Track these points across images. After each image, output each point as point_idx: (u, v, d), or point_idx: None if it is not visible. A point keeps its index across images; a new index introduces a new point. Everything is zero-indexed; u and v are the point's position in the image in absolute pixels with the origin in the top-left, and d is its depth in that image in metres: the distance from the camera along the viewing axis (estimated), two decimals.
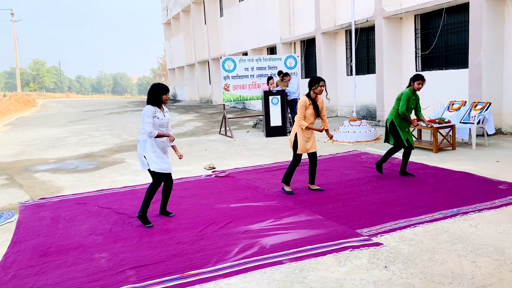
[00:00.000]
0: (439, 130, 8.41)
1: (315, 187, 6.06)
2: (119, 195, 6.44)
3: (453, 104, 9.25)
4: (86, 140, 13.20)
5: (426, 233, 4.24)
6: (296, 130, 5.83)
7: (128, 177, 7.65)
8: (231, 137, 12.08)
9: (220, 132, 13.25)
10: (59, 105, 38.38)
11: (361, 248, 3.95)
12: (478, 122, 8.52)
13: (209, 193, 6.23)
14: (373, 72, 13.94)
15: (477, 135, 8.80)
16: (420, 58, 12.48)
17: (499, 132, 9.89)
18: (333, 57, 16.07)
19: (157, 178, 4.96)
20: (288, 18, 18.76)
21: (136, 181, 7.28)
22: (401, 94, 6.42)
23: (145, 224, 4.91)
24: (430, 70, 12.10)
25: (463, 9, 10.77)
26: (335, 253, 3.87)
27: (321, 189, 6.01)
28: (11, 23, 50.68)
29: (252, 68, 12.70)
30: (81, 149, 11.34)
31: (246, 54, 22.62)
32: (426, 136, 9.79)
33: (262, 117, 12.79)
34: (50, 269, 3.89)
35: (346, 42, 15.53)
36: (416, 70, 12.37)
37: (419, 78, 6.34)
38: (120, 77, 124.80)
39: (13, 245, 4.57)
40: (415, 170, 6.82)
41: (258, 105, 19.90)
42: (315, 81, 5.75)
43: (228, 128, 12.57)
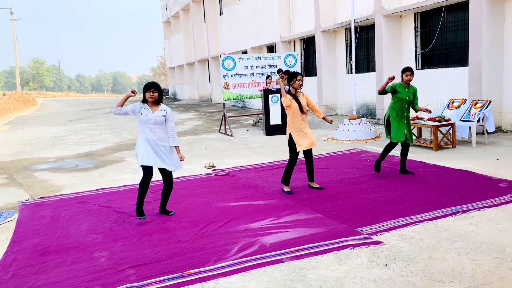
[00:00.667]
0: (439, 128, 8.40)
1: (315, 185, 6.06)
2: (119, 194, 6.44)
3: (453, 102, 9.25)
4: (86, 139, 13.19)
5: (426, 231, 4.23)
6: (289, 129, 5.83)
7: (128, 176, 7.65)
8: (231, 135, 12.07)
9: (220, 130, 13.24)
10: (58, 104, 38.37)
11: (361, 246, 3.95)
12: (478, 120, 8.51)
13: (209, 192, 6.23)
14: (373, 70, 13.93)
15: (477, 133, 8.79)
16: (420, 56, 12.46)
17: (499, 130, 9.88)
18: (333, 55, 16.06)
19: (145, 171, 4.97)
20: (288, 16, 18.74)
21: (136, 180, 7.26)
22: None
23: (138, 216, 4.96)
24: (430, 68, 12.09)
25: (463, 7, 10.76)
26: (335, 251, 3.87)
27: (321, 188, 6.01)
28: (11, 22, 50.64)
29: (252, 67, 12.68)
30: (81, 148, 11.34)
31: (245, 52, 22.60)
32: (426, 134, 9.79)
33: (262, 115, 12.78)
34: (50, 268, 3.89)
35: (346, 40, 15.51)
36: (416, 68, 12.36)
37: (406, 70, 6.35)
38: (119, 76, 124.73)
39: (12, 244, 4.56)
40: (415, 168, 6.81)
41: (258, 104, 19.88)
42: (293, 76, 5.77)
43: (228, 127, 12.56)
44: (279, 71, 12.59)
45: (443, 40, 11.66)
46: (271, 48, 21.00)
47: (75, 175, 8.02)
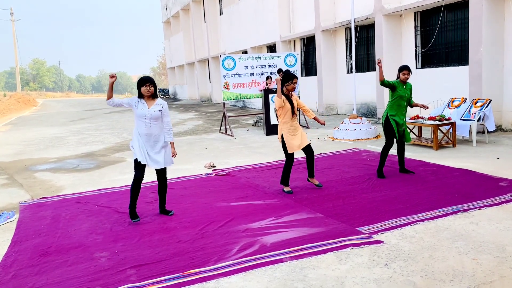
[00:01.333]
0: (440, 127, 8.40)
1: (315, 181, 6.05)
2: (119, 194, 6.44)
3: (453, 101, 9.24)
4: (86, 139, 13.19)
5: (427, 231, 4.23)
6: (282, 131, 5.84)
7: (128, 176, 7.64)
8: (231, 135, 12.07)
9: (220, 130, 13.24)
10: (59, 104, 38.38)
11: (362, 246, 3.95)
12: (479, 119, 8.50)
13: (210, 192, 6.23)
14: (373, 69, 13.93)
15: (477, 132, 8.79)
16: (420, 55, 12.45)
17: (499, 129, 9.87)
18: (333, 54, 16.05)
19: (136, 168, 4.98)
20: (288, 16, 18.74)
21: None
22: None
23: (132, 219, 4.98)
24: (430, 67, 12.08)
25: (463, 6, 10.75)
26: (335, 251, 3.87)
27: (320, 185, 6.01)
28: (11, 22, 50.66)
29: (252, 66, 12.68)
30: (81, 148, 11.34)
31: (246, 52, 22.59)
32: (427, 133, 9.78)
33: (262, 115, 12.78)
34: (51, 269, 3.89)
35: (346, 40, 15.51)
36: (416, 67, 12.36)
37: (403, 68, 6.34)
38: (120, 76, 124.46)
39: (13, 245, 4.57)
40: (415, 168, 6.81)
41: (258, 104, 19.87)
42: (288, 77, 5.78)
43: (228, 127, 12.56)
44: (279, 71, 12.59)
45: (443, 39, 11.65)
46: (271, 48, 20.99)
47: (75, 175, 8.03)
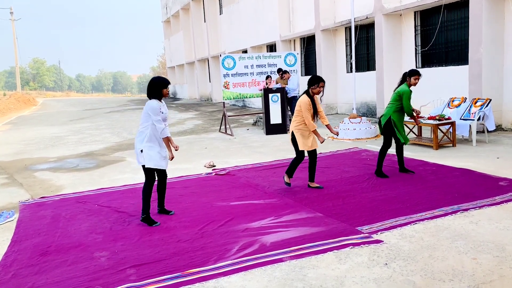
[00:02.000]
0: (439, 127, 8.40)
1: (315, 184, 6.06)
2: (119, 193, 6.44)
3: (453, 101, 9.24)
4: (86, 138, 13.19)
5: (427, 230, 4.23)
6: (292, 129, 5.82)
7: (128, 176, 7.65)
8: (231, 135, 12.07)
9: (220, 130, 13.24)
10: (59, 103, 38.37)
11: (362, 245, 3.95)
12: (479, 119, 8.50)
13: (209, 191, 6.23)
14: (373, 69, 13.92)
15: (477, 132, 8.79)
16: (420, 54, 12.45)
17: (499, 128, 9.87)
18: (333, 54, 16.04)
19: (150, 175, 4.90)
20: (288, 15, 18.72)
21: (136, 179, 7.27)
22: (399, 91, 6.28)
23: (151, 225, 4.83)
24: (430, 67, 12.08)
25: (463, 5, 10.75)
26: (335, 250, 3.87)
27: (321, 187, 6.01)
28: (11, 22, 50.63)
29: (252, 66, 12.68)
30: (81, 147, 11.34)
31: (245, 51, 22.58)
32: (427, 133, 9.78)
33: (262, 114, 12.78)
34: (50, 268, 3.89)
35: (345, 39, 15.50)
36: (416, 67, 12.35)
37: (416, 73, 6.25)
38: (120, 76, 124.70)
39: (13, 244, 4.57)
40: (415, 167, 6.81)
41: (258, 103, 19.86)
42: (316, 81, 5.68)
43: (228, 126, 12.56)
44: (279, 70, 12.60)
45: (443, 38, 11.65)
46: (271, 47, 20.98)
47: (75, 174, 8.03)
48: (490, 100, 8.59)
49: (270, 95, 11.77)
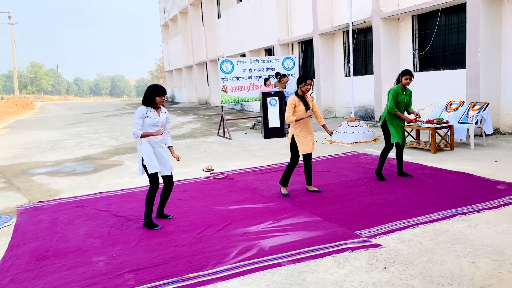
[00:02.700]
0: (437, 130, 8.41)
1: (313, 188, 6.05)
2: (117, 197, 6.42)
3: (451, 105, 9.26)
4: (84, 142, 13.17)
5: (425, 234, 4.23)
6: (292, 132, 5.84)
7: (126, 180, 7.63)
8: (230, 138, 12.07)
9: (218, 133, 13.24)
10: (57, 107, 38.33)
11: (360, 249, 3.94)
12: (476, 122, 8.52)
13: (208, 195, 6.22)
14: (371, 72, 13.95)
15: (475, 135, 8.80)
16: (417, 58, 12.49)
17: (497, 132, 9.90)
18: (331, 58, 16.08)
19: (154, 180, 4.92)
20: (286, 19, 18.77)
21: (135, 183, 7.26)
22: (389, 91, 6.39)
23: (153, 228, 4.86)
24: (427, 71, 12.11)
25: (460, 9, 10.79)
26: (334, 254, 3.86)
27: (319, 191, 6.00)
28: (9, 25, 50.63)
29: (250, 70, 12.69)
30: (79, 151, 11.32)
31: (244, 55, 22.62)
32: (425, 136, 9.80)
33: (260, 118, 12.78)
34: (48, 273, 3.87)
35: (343, 43, 15.54)
36: (414, 71, 12.38)
37: (406, 73, 6.29)
38: (118, 79, 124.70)
39: (10, 249, 4.55)
40: (414, 171, 6.81)
41: (256, 107, 19.88)
42: (303, 79, 5.80)
43: (226, 130, 12.55)
44: (277, 74, 12.62)
45: (440, 42, 11.69)
46: (269, 51, 21.02)
47: (73, 179, 8.01)
48: (488, 103, 8.61)
49: (268, 99, 11.78)
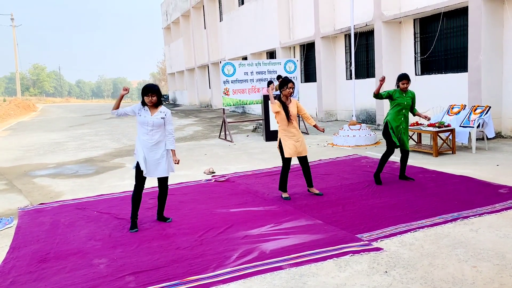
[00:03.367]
0: (439, 134, 8.40)
1: (315, 190, 6.05)
2: (118, 200, 6.43)
3: (452, 108, 9.25)
4: (86, 145, 13.19)
5: (427, 238, 4.22)
6: (280, 136, 5.84)
7: (127, 182, 7.64)
8: (231, 141, 12.07)
9: (219, 136, 13.25)
10: (59, 109, 38.40)
11: (362, 253, 3.94)
12: (478, 126, 8.51)
13: (209, 198, 6.22)
14: (373, 76, 13.96)
15: (477, 139, 8.79)
16: (419, 62, 12.49)
17: (499, 135, 9.88)
18: (333, 61, 16.09)
19: (136, 178, 5.04)
20: (288, 22, 18.80)
21: None
22: None
23: (130, 230, 4.93)
24: (429, 74, 12.11)
25: (462, 13, 10.80)
26: (335, 258, 3.85)
27: (321, 194, 5.99)
28: (11, 28, 50.81)
29: (252, 73, 12.70)
30: (81, 154, 11.33)
31: (245, 58, 22.65)
32: (426, 140, 9.79)
33: (261, 121, 12.79)
34: (49, 275, 3.87)
35: (345, 46, 15.55)
36: (416, 74, 12.39)
37: (402, 78, 6.31)
38: (120, 82, 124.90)
39: (12, 251, 4.55)
40: (415, 174, 6.80)
41: (258, 110, 19.88)
42: (284, 83, 5.80)
43: (227, 133, 12.56)
44: (279, 77, 12.62)
45: (442, 46, 11.69)
46: (271, 54, 21.05)
47: (75, 181, 8.01)
48: (490, 107, 8.60)
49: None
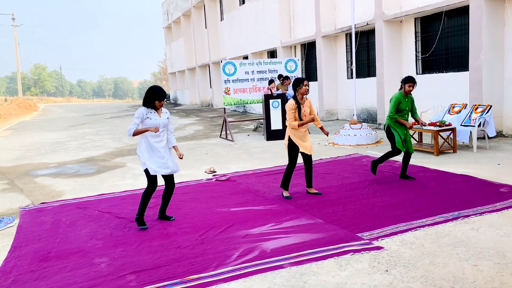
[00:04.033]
0: (440, 133, 8.40)
1: (313, 190, 6.05)
2: (119, 199, 6.44)
3: (453, 107, 9.25)
4: (87, 144, 13.21)
5: (427, 237, 4.22)
6: (289, 133, 5.83)
7: (128, 181, 7.65)
8: (232, 140, 12.08)
9: (220, 135, 13.25)
10: (60, 109, 38.44)
11: (362, 252, 3.94)
12: (479, 125, 8.50)
13: (210, 197, 6.22)
14: (374, 75, 13.94)
15: (478, 138, 8.78)
16: (420, 61, 12.48)
17: (500, 134, 9.87)
18: (334, 60, 16.09)
19: (152, 181, 4.97)
20: (288, 21, 18.80)
21: (137, 185, 7.27)
22: (391, 98, 6.39)
23: (139, 226, 4.96)
24: (430, 73, 12.10)
25: (463, 12, 10.78)
26: (336, 257, 3.86)
27: (319, 193, 5.99)
28: (12, 27, 50.87)
29: (253, 72, 12.71)
30: (82, 153, 11.35)
31: (246, 57, 22.65)
32: (427, 139, 9.78)
33: (262, 120, 12.79)
34: (50, 274, 3.88)
35: (346, 45, 15.55)
36: (417, 73, 12.38)
37: (410, 80, 6.29)
38: (121, 81, 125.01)
39: (13, 250, 4.56)
40: (416, 173, 6.80)
41: (259, 109, 19.90)
42: (298, 82, 5.77)
43: (228, 132, 12.57)
44: (280, 76, 12.63)
45: (443, 45, 11.68)
46: (272, 53, 21.05)
47: (76, 180, 8.03)
48: (491, 106, 8.59)
49: (271, 101, 11.79)
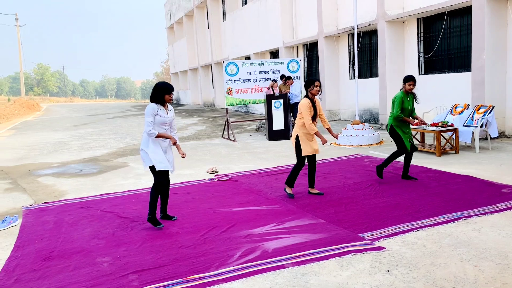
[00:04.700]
0: (442, 133, 8.39)
1: (315, 190, 6.06)
2: (122, 199, 6.46)
3: (456, 108, 9.24)
4: (90, 144, 13.24)
5: (429, 237, 4.23)
6: (298, 133, 5.83)
7: (131, 181, 7.67)
8: (234, 140, 12.09)
9: (223, 135, 13.27)
10: (62, 109, 38.54)
11: (364, 252, 3.95)
12: (481, 126, 8.49)
13: (212, 197, 6.24)
14: (376, 75, 13.94)
15: (480, 139, 8.77)
16: (422, 61, 12.47)
17: (502, 135, 9.85)
18: (336, 60, 16.08)
19: (162, 177, 4.99)
20: (291, 22, 18.80)
21: (139, 185, 7.30)
22: (394, 98, 6.42)
23: (155, 226, 4.93)
24: (432, 74, 12.09)
25: (466, 12, 10.77)
26: (337, 257, 3.86)
27: (321, 193, 6.00)
28: (16, 28, 51.02)
29: (255, 72, 12.72)
30: (85, 153, 11.38)
31: (249, 58, 22.66)
32: (429, 139, 9.77)
33: (265, 120, 12.80)
34: (53, 273, 3.90)
35: (348, 46, 15.54)
36: (419, 74, 12.37)
37: (409, 79, 6.36)
38: (123, 81, 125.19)
39: (16, 249, 4.59)
40: (418, 174, 6.80)
41: (261, 109, 19.91)
42: (310, 82, 5.81)
43: (231, 132, 12.58)
44: (282, 76, 12.64)
45: (446, 45, 11.66)
46: (274, 54, 21.06)
47: (78, 180, 8.05)
48: (493, 107, 8.58)
49: (273, 101, 11.80)
